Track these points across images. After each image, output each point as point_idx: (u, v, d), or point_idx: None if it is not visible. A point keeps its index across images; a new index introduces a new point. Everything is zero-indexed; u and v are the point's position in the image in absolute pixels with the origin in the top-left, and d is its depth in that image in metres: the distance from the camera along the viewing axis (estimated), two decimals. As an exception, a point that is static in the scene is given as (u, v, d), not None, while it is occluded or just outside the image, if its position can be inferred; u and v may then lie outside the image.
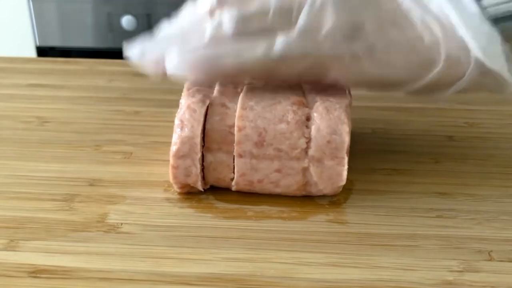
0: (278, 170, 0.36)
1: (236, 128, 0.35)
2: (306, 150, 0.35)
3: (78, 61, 0.61)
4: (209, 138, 0.36)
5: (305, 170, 0.36)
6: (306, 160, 0.35)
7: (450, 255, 0.33)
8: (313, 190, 0.37)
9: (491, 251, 0.33)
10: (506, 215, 0.36)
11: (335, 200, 0.38)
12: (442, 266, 0.32)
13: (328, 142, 0.35)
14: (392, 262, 0.32)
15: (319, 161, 0.35)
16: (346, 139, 0.35)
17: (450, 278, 0.31)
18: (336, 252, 0.33)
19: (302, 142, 0.35)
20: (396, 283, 0.31)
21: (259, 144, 0.35)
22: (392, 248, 0.33)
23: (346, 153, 0.36)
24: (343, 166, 0.36)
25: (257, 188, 0.37)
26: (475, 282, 0.31)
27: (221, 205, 0.37)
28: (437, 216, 0.36)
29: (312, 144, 0.35)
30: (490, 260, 0.32)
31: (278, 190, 0.37)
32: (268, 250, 0.33)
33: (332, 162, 0.35)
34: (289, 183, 0.36)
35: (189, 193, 0.38)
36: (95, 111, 0.49)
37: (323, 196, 0.38)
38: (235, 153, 0.36)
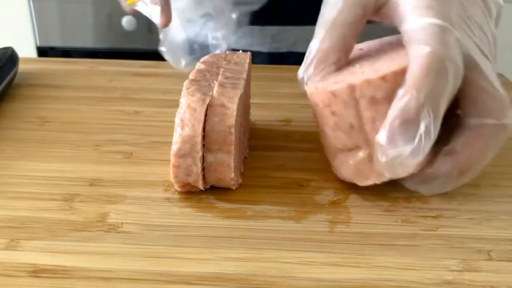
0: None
1: (234, 129, 0.35)
2: None
3: (79, 61, 0.61)
4: (209, 139, 0.36)
5: None
6: None
7: (450, 255, 0.33)
8: None
9: (491, 250, 0.33)
10: (505, 215, 0.36)
11: (335, 200, 0.38)
12: (441, 265, 0.32)
13: None
14: (392, 262, 0.32)
15: None
16: None
17: (450, 278, 0.31)
18: (336, 252, 0.33)
19: None
20: (396, 282, 0.31)
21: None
22: (392, 247, 0.33)
23: None
24: None
25: None
26: (474, 281, 0.31)
27: (221, 205, 0.37)
28: (437, 216, 0.36)
29: None
30: (489, 259, 0.32)
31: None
32: (269, 250, 0.33)
33: None
34: None
35: (189, 193, 0.38)
36: (95, 111, 0.49)
37: (323, 196, 0.38)
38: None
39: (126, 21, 1.35)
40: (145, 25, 1.34)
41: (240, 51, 0.45)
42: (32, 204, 0.36)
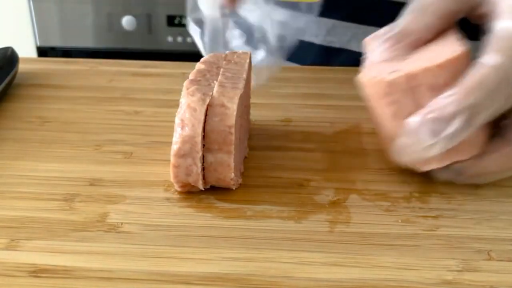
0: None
1: (234, 129, 0.35)
2: None
3: (79, 61, 0.61)
4: (209, 139, 0.36)
5: None
6: None
7: (450, 255, 0.33)
8: None
9: (491, 250, 0.33)
10: (505, 214, 0.36)
11: (335, 200, 0.38)
12: (441, 265, 0.32)
13: None
14: (392, 262, 0.32)
15: None
16: None
17: (450, 278, 0.31)
18: (336, 252, 0.33)
19: None
20: (396, 282, 0.31)
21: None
22: (392, 247, 0.33)
23: None
24: None
25: None
26: (474, 281, 0.31)
27: (221, 205, 0.37)
28: (437, 216, 0.36)
29: None
30: (489, 259, 0.32)
31: None
32: (269, 250, 0.33)
33: None
34: None
35: (189, 193, 0.38)
36: (96, 111, 0.49)
37: (323, 196, 0.38)
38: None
39: (126, 21, 1.36)
40: (145, 25, 1.34)
41: (240, 51, 0.44)
42: (32, 204, 0.36)
